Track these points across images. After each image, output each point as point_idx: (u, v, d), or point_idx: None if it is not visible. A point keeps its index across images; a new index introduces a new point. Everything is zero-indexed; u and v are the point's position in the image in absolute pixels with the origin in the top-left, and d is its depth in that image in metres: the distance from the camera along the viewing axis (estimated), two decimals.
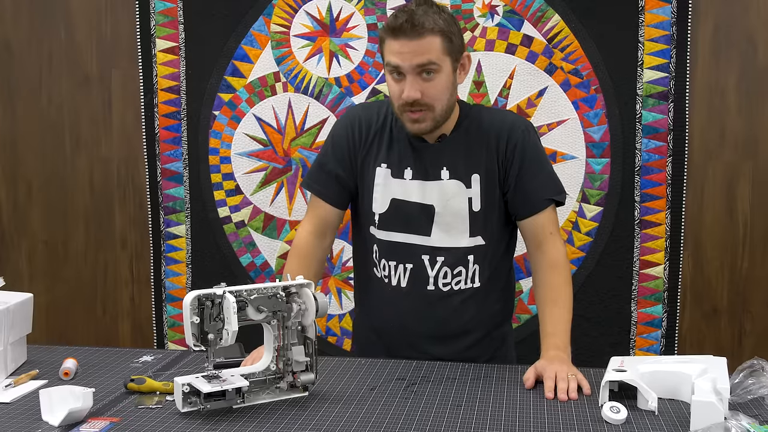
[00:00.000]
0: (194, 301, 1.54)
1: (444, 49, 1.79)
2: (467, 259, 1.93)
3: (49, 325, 3.21)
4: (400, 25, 1.76)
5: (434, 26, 1.76)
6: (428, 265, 1.92)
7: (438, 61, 1.78)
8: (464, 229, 1.91)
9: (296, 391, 1.65)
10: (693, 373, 1.58)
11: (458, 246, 1.91)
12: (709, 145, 2.75)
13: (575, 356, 2.80)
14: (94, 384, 1.72)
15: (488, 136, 1.90)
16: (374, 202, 1.94)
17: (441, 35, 1.78)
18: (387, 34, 1.80)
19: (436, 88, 1.80)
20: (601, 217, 2.78)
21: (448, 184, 1.90)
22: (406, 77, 1.78)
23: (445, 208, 1.90)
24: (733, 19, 2.70)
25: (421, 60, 1.76)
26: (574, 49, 2.74)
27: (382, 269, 1.97)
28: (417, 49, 1.76)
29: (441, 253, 1.91)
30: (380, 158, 1.93)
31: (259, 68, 2.93)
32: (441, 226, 1.91)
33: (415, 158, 1.91)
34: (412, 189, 1.91)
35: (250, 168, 2.98)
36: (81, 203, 3.14)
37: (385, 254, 1.95)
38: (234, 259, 3.02)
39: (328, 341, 2.99)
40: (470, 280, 1.94)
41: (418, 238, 1.91)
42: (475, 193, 1.89)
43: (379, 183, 1.93)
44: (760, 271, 2.78)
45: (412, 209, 1.91)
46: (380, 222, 1.94)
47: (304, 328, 1.65)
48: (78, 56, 3.08)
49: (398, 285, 1.95)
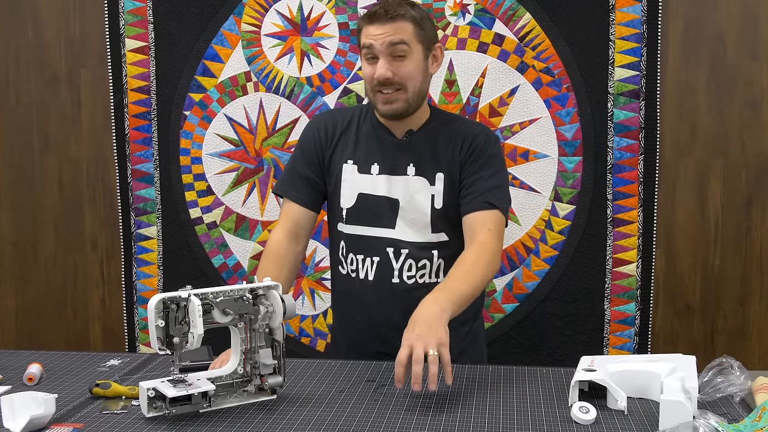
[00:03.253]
0: (159, 305, 1.52)
1: (415, 35, 1.91)
2: (431, 254, 1.98)
3: (18, 328, 3.17)
4: (375, 11, 1.90)
5: (406, 13, 1.90)
6: (393, 258, 1.97)
7: (409, 43, 1.89)
8: (426, 224, 1.97)
9: (264, 394, 1.64)
10: (662, 372, 1.58)
11: (422, 241, 1.97)
12: (681, 142, 2.76)
13: (548, 354, 2.83)
14: (59, 389, 1.70)
15: (455, 140, 1.98)
16: (342, 197, 2.01)
17: (413, 21, 1.90)
18: (363, 21, 1.92)
19: (407, 68, 1.90)
20: (573, 215, 2.79)
21: (413, 180, 1.97)
22: (379, 59, 1.89)
23: (409, 203, 1.96)
24: (703, 17, 2.71)
25: (393, 38, 1.87)
26: (546, 48, 2.74)
27: (349, 264, 2.02)
28: (389, 30, 1.88)
29: (405, 245, 1.97)
30: (347, 155, 2.01)
31: (230, 68, 2.91)
32: (405, 220, 1.97)
33: (382, 153, 1.99)
34: (378, 183, 1.98)
35: (222, 168, 2.95)
36: (50, 204, 3.10)
37: (353, 248, 2.01)
38: (206, 261, 2.99)
39: (302, 342, 2.97)
40: (434, 274, 1.99)
41: (382, 231, 1.97)
42: (438, 191, 1.96)
43: (346, 179, 2.00)
44: (731, 268, 2.79)
45: (378, 203, 1.98)
46: (347, 216, 2.00)
47: (271, 330, 1.64)
48: (46, 55, 3.04)
49: (365, 278, 2.00)
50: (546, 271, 2.81)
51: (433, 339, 1.59)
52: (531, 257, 2.82)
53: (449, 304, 1.69)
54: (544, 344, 2.83)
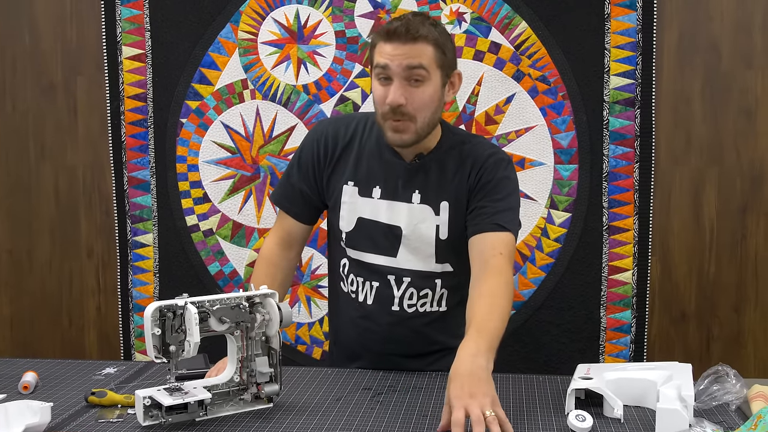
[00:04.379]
0: (155, 313, 1.52)
1: (436, 60, 1.75)
2: (435, 283, 1.89)
3: (13, 336, 3.16)
4: (395, 28, 1.73)
5: (429, 35, 1.74)
6: (394, 285, 1.89)
7: (428, 68, 1.74)
8: (431, 254, 1.87)
9: (260, 402, 1.64)
10: (658, 380, 1.59)
11: (425, 270, 1.88)
12: (676, 150, 2.77)
13: (544, 362, 2.83)
14: (54, 397, 1.69)
15: (464, 165, 1.85)
16: (341, 220, 1.91)
17: (434, 45, 1.75)
18: (380, 37, 1.76)
19: (422, 98, 1.75)
20: (569, 223, 2.79)
21: (417, 208, 1.86)
22: (393, 81, 1.74)
23: (413, 232, 1.86)
24: (698, 26, 2.72)
25: (411, 62, 1.72)
26: (542, 56, 2.75)
27: (349, 284, 1.95)
28: (408, 52, 1.72)
29: (407, 274, 1.88)
30: (347, 175, 1.89)
31: (227, 75, 2.91)
32: (408, 249, 1.87)
33: (386, 176, 1.87)
34: (380, 209, 1.87)
35: (218, 176, 2.95)
36: (46, 212, 3.10)
37: (354, 270, 1.93)
38: (202, 268, 2.99)
39: (298, 350, 2.97)
40: (437, 303, 1.91)
41: (384, 258, 1.88)
42: (443, 221, 1.85)
43: (345, 201, 1.89)
44: (726, 276, 2.80)
45: (378, 230, 1.88)
46: (347, 240, 1.91)
47: (268, 338, 1.64)
48: (43, 63, 3.04)
49: (364, 302, 1.92)
50: (542, 279, 2.82)
51: (488, 398, 1.48)
52: (527, 265, 2.82)
53: (492, 353, 1.59)
54: (540, 352, 2.83)
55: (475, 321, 1.64)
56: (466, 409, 1.44)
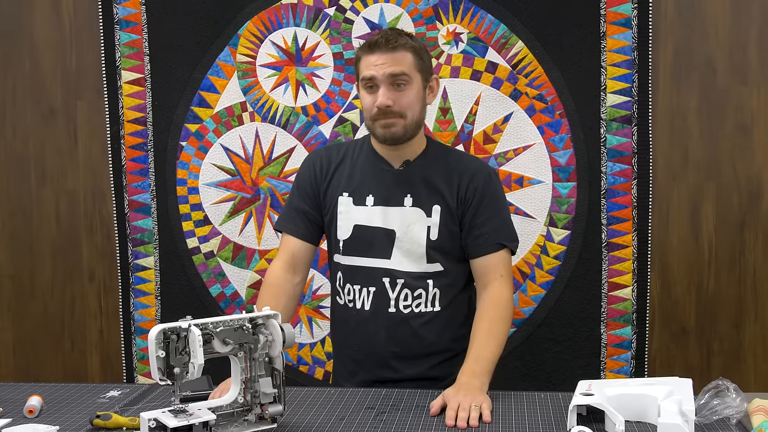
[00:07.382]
0: (159, 335, 1.53)
1: (415, 65, 1.95)
2: (427, 283, 1.99)
3: (16, 361, 3.16)
4: (376, 41, 1.94)
5: (406, 43, 1.95)
6: (389, 288, 1.99)
7: (409, 73, 1.93)
8: (422, 254, 1.98)
9: (264, 423, 1.64)
10: (659, 396, 1.59)
11: (417, 270, 1.99)
12: (673, 167, 2.78)
13: (545, 379, 2.83)
14: (59, 421, 1.70)
15: (451, 174, 2.00)
16: (338, 229, 2.03)
17: (412, 51, 1.95)
18: (363, 51, 1.96)
19: (407, 98, 1.94)
20: (568, 240, 2.80)
21: (409, 210, 1.99)
22: (380, 88, 1.92)
23: (405, 234, 1.98)
24: (693, 43, 2.75)
25: (394, 70, 1.92)
26: (538, 75, 2.77)
27: (346, 294, 2.04)
28: (390, 60, 1.92)
29: (400, 275, 1.98)
30: (342, 188, 2.03)
31: (226, 98, 2.93)
32: (401, 251, 1.99)
33: (377, 184, 2.01)
34: (374, 214, 2.00)
35: (219, 198, 2.97)
36: (47, 236, 3.11)
37: (350, 279, 2.03)
38: (203, 290, 3.00)
39: (300, 370, 2.97)
40: (430, 303, 2.00)
41: (378, 261, 1.99)
42: (434, 223, 1.98)
43: (342, 211, 2.03)
44: (725, 290, 2.81)
45: (374, 234, 1.99)
46: (344, 248, 2.02)
47: (271, 359, 1.64)
48: (43, 88, 3.06)
49: (362, 308, 2.01)
50: (542, 296, 2.83)
51: (479, 399, 1.72)
52: (527, 282, 2.83)
53: (486, 377, 1.82)
54: (541, 369, 2.84)
55: (474, 348, 1.88)
56: (459, 403, 1.69)
